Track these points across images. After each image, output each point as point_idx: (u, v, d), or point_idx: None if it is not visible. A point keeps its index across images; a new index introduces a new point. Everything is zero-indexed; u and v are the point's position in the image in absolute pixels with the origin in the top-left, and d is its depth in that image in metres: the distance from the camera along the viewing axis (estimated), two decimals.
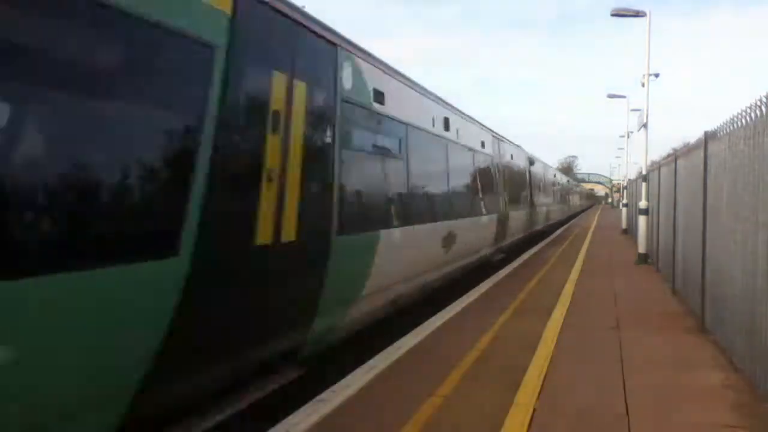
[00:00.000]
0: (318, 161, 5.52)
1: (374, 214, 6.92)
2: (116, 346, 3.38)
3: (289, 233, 4.91)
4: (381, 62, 7.37)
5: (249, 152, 4.51)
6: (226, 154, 4.15)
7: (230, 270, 4.26)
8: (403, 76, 8.25)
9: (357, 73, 6.35)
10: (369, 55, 6.98)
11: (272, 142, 4.72)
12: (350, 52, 6.28)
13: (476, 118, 13.33)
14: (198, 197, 3.84)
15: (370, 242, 6.54)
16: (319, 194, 5.53)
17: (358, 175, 6.47)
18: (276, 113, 4.75)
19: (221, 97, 4.08)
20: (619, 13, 17.43)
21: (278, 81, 4.80)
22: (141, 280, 3.46)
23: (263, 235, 4.59)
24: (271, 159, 4.70)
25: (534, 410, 4.86)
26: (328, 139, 5.71)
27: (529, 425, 4.56)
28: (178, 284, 3.71)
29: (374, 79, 6.89)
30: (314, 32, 5.50)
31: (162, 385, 3.77)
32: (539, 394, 5.25)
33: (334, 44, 5.87)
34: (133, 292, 3.42)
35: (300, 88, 5.09)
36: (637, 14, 17.27)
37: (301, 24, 5.24)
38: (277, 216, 4.75)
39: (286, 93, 4.90)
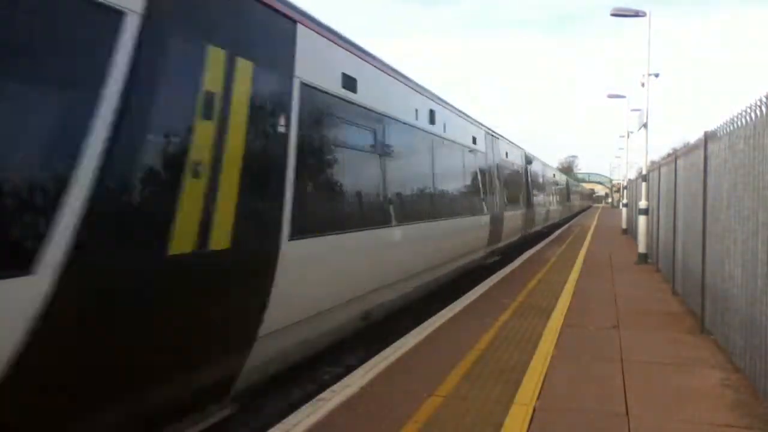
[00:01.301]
0: None
1: None
2: None
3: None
4: None
5: None
6: None
7: None
8: None
9: None
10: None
11: None
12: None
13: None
14: None
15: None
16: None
17: None
18: None
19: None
20: (619, 13, 17.44)
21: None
22: None
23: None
24: None
25: (534, 410, 4.86)
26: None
27: (530, 425, 4.57)
28: None
29: None
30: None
31: None
32: (539, 393, 5.26)
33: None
34: None
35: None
36: (637, 14, 17.28)
37: None
38: None
39: None
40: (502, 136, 16.65)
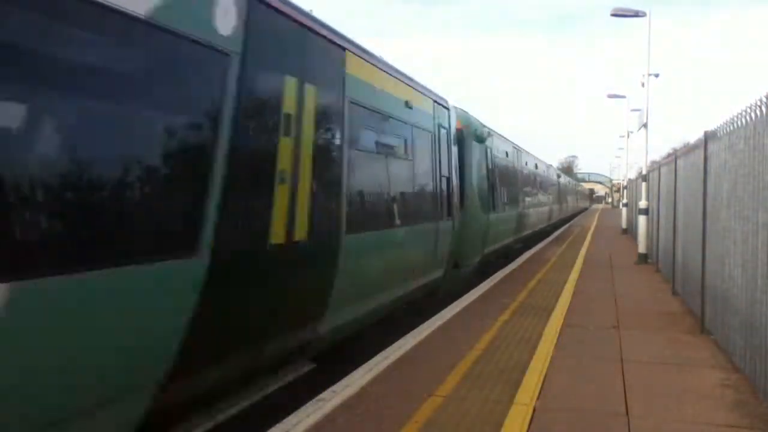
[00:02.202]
0: None
1: None
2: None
3: None
4: None
5: None
6: None
7: None
8: None
9: None
10: None
11: None
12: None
13: None
14: None
15: None
16: None
17: None
18: None
19: None
20: (619, 13, 17.45)
21: None
22: None
23: None
24: None
25: (534, 410, 4.86)
26: None
27: (530, 425, 4.57)
28: None
29: None
30: None
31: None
32: (539, 393, 5.26)
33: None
34: None
35: None
36: (637, 14, 17.29)
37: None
38: None
39: None
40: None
